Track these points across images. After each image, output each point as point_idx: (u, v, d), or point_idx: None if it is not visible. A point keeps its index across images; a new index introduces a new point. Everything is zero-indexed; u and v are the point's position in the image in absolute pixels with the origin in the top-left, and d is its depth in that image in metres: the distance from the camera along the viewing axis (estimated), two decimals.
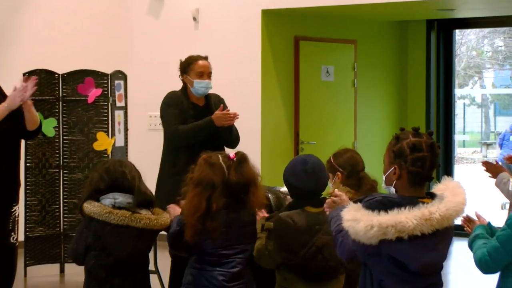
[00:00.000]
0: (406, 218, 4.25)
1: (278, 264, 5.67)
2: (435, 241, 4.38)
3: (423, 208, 4.30)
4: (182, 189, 5.54)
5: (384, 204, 4.35)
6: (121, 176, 5.51)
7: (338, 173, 6.05)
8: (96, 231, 5.45)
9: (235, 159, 5.48)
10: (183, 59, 8.31)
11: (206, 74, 8.12)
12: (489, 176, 6.64)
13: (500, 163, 7.09)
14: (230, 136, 8.15)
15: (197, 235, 5.36)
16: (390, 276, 4.45)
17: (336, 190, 4.89)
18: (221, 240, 5.41)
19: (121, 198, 5.48)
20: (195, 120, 8.00)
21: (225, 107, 8.06)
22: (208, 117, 7.96)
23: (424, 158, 4.42)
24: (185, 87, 8.19)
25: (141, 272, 5.63)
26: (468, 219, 5.17)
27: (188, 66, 8.16)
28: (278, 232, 5.62)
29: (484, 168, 6.53)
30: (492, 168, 6.46)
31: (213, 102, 8.24)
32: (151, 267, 7.27)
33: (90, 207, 5.45)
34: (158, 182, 8.16)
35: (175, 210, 5.65)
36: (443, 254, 4.51)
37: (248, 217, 5.52)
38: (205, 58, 8.28)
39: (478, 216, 5.17)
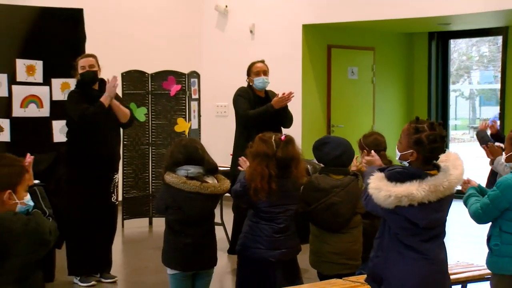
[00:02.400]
0: (417, 190, 4.22)
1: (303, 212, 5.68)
2: (440, 205, 4.33)
3: (430, 182, 4.25)
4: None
5: (402, 175, 4.30)
6: (195, 151, 5.48)
7: (365, 150, 5.95)
8: (174, 196, 5.43)
9: (284, 140, 5.44)
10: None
11: (261, 72, 8.17)
12: (490, 158, 6.59)
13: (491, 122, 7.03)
14: (286, 116, 8.11)
15: (265, 195, 5.34)
16: (404, 230, 4.41)
17: (372, 152, 4.86)
18: (272, 201, 5.39)
19: (192, 169, 5.43)
20: (259, 107, 8.01)
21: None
22: (268, 103, 7.98)
23: (438, 148, 4.35)
24: (250, 85, 8.20)
25: (208, 223, 5.61)
26: (465, 182, 5.12)
27: (249, 69, 8.26)
28: (304, 188, 5.64)
29: (486, 149, 6.44)
30: (493, 150, 6.39)
31: (271, 95, 8.24)
32: (218, 220, 7.26)
33: (169, 177, 5.42)
34: (235, 151, 8.15)
35: (245, 163, 5.59)
36: (445, 213, 4.45)
37: (291, 185, 5.47)
38: (262, 61, 8.30)
39: (469, 181, 5.11)
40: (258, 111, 8.01)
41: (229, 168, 8.19)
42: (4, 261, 3.62)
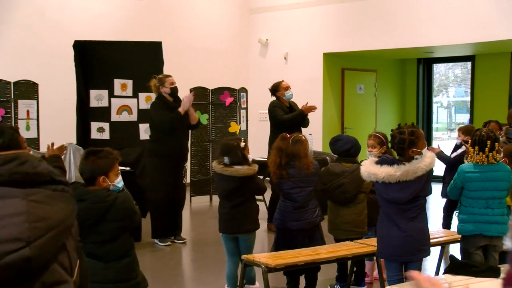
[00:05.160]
0: (380, 172, 4.31)
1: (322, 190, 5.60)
2: (400, 187, 4.33)
3: (391, 168, 4.31)
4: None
5: (383, 160, 4.42)
6: (236, 146, 5.38)
7: (384, 146, 5.83)
8: (216, 177, 5.49)
9: (293, 139, 5.34)
10: (270, 87, 8.13)
11: (288, 87, 8.05)
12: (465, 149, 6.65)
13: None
14: (305, 121, 8.01)
15: (277, 178, 5.33)
16: (383, 203, 4.48)
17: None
18: (289, 184, 5.33)
19: (226, 159, 5.36)
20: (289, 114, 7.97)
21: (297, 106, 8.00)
22: (299, 110, 7.88)
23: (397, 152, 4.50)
24: (278, 98, 8.07)
25: (237, 199, 5.40)
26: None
27: (278, 87, 8.11)
28: (322, 172, 5.58)
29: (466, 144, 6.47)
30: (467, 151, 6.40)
31: (293, 104, 8.15)
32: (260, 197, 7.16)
33: (214, 164, 5.44)
34: (270, 148, 8.10)
35: None
36: (407, 195, 4.37)
37: (297, 173, 5.30)
38: (283, 80, 8.19)
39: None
40: (291, 115, 7.89)
41: (266, 159, 8.15)
42: (100, 224, 3.64)
